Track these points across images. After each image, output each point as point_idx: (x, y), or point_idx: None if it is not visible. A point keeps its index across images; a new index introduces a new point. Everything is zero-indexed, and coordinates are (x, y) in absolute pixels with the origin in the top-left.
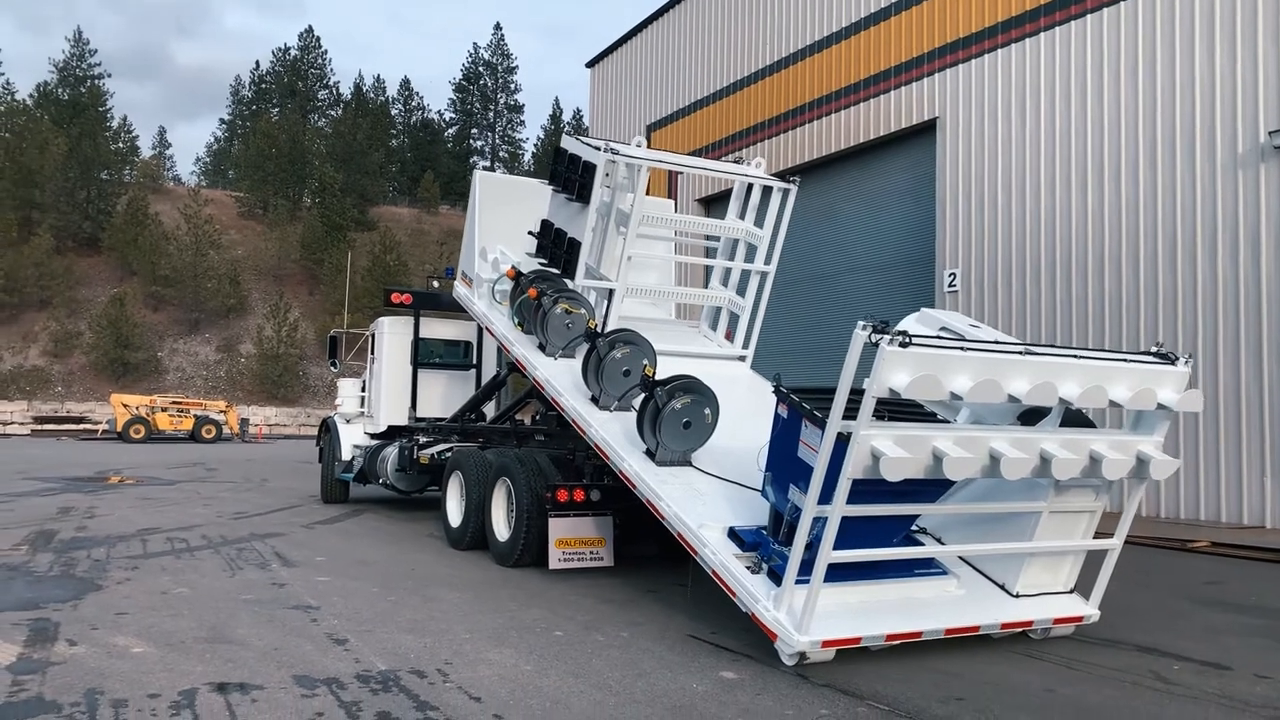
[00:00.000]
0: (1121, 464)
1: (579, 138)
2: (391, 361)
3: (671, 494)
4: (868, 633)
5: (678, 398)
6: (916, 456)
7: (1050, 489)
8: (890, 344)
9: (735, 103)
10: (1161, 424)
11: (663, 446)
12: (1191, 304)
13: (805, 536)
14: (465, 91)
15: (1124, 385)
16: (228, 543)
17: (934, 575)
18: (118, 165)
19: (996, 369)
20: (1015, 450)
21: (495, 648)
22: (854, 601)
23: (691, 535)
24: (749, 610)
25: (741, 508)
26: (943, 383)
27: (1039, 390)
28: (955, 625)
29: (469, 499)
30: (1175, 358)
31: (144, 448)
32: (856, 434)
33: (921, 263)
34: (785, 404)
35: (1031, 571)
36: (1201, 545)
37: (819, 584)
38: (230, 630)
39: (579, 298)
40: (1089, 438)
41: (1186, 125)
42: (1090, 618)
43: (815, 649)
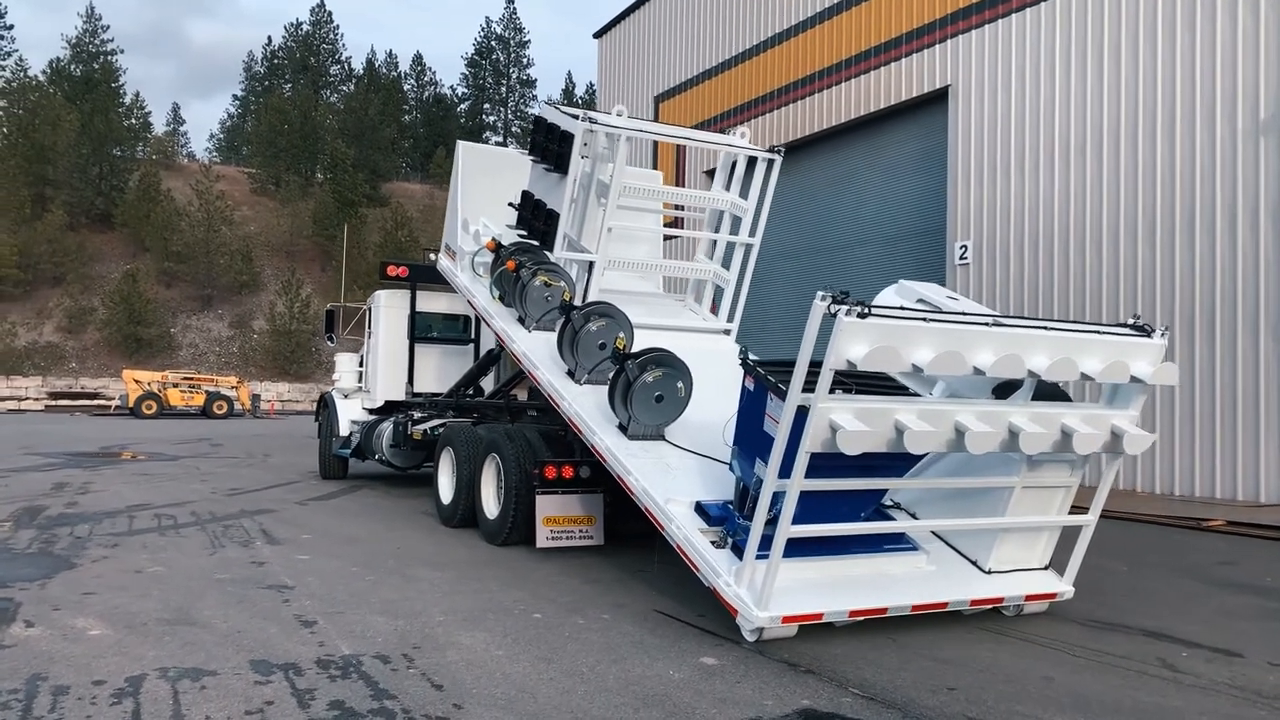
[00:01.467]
0: (1094, 438)
1: (558, 106)
2: (388, 336)
3: (641, 468)
4: (830, 608)
5: (649, 371)
6: (876, 430)
7: (1023, 464)
8: (848, 315)
9: (744, 72)
10: (1137, 398)
11: (635, 420)
12: (1210, 276)
13: (765, 511)
14: (478, 66)
15: (1096, 358)
16: (216, 519)
17: (904, 551)
18: (130, 142)
19: (960, 340)
20: (981, 424)
21: (468, 631)
22: (819, 577)
23: (658, 510)
24: (711, 585)
25: (714, 482)
26: (902, 354)
27: (1005, 362)
28: (923, 601)
29: (459, 476)
30: (1151, 330)
31: (154, 423)
32: (814, 406)
33: (933, 235)
34: (752, 376)
35: (1005, 548)
36: (1217, 524)
37: (778, 559)
38: (196, 611)
39: (559, 270)
40: (1060, 411)
41: (1206, 92)
42: (1064, 594)
43: (775, 624)
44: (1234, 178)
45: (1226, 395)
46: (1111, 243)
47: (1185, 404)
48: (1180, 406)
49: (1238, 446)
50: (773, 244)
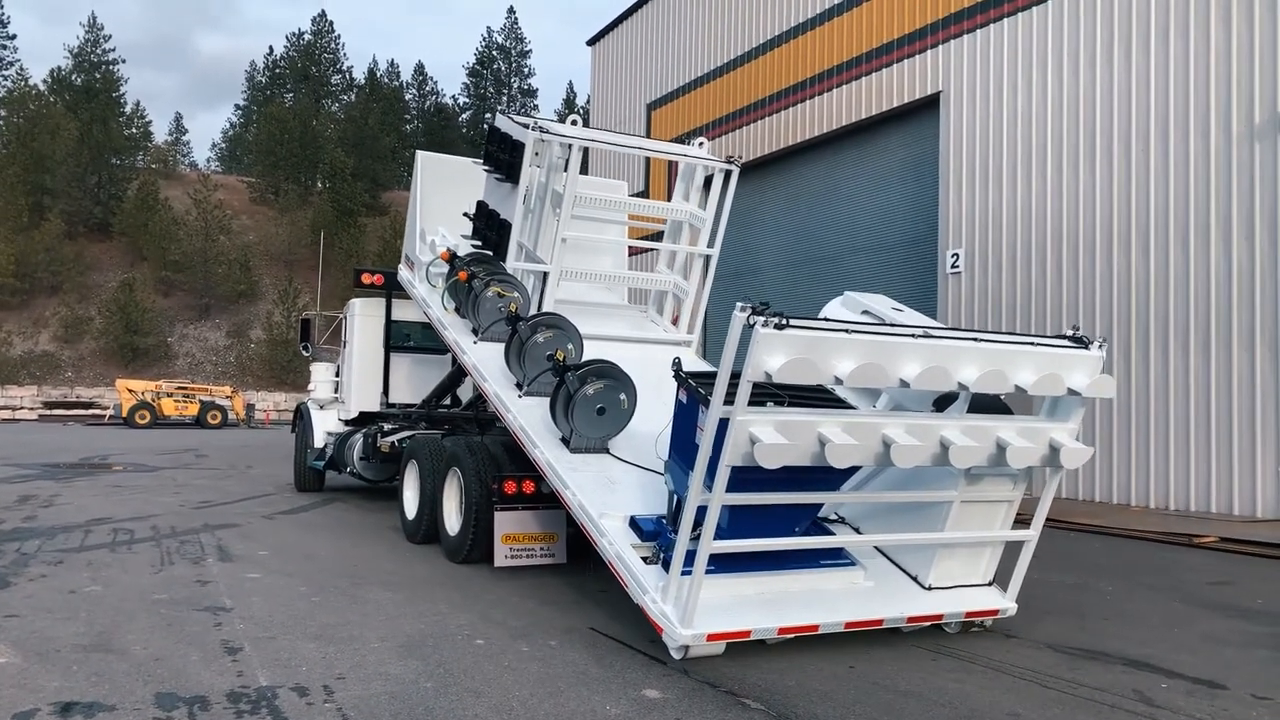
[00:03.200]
0: (1030, 452)
1: (511, 116)
2: (363, 345)
3: (579, 482)
4: (759, 625)
5: (590, 383)
6: (797, 443)
7: (962, 478)
8: (764, 326)
9: (736, 79)
10: (1076, 410)
11: (576, 433)
12: (1204, 286)
13: (690, 525)
14: (479, 76)
15: (1028, 370)
16: (175, 534)
17: (841, 566)
18: (130, 151)
19: (883, 352)
20: (909, 437)
21: (402, 659)
22: (751, 593)
23: (592, 525)
24: (638, 602)
25: (656, 497)
26: (820, 366)
27: (931, 374)
28: (857, 619)
29: (423, 489)
30: (1089, 341)
31: (146, 433)
32: (733, 419)
33: (924, 243)
34: (684, 389)
35: (945, 563)
36: (1209, 541)
37: (700, 575)
38: (118, 637)
39: (513, 281)
40: (995, 425)
41: (1200, 97)
42: (1006, 611)
43: (700, 642)
44: (1228, 184)
45: (1222, 408)
46: (1104, 251)
47: (1180, 417)
48: (1175, 419)
49: (1233, 461)
50: (766, 254)
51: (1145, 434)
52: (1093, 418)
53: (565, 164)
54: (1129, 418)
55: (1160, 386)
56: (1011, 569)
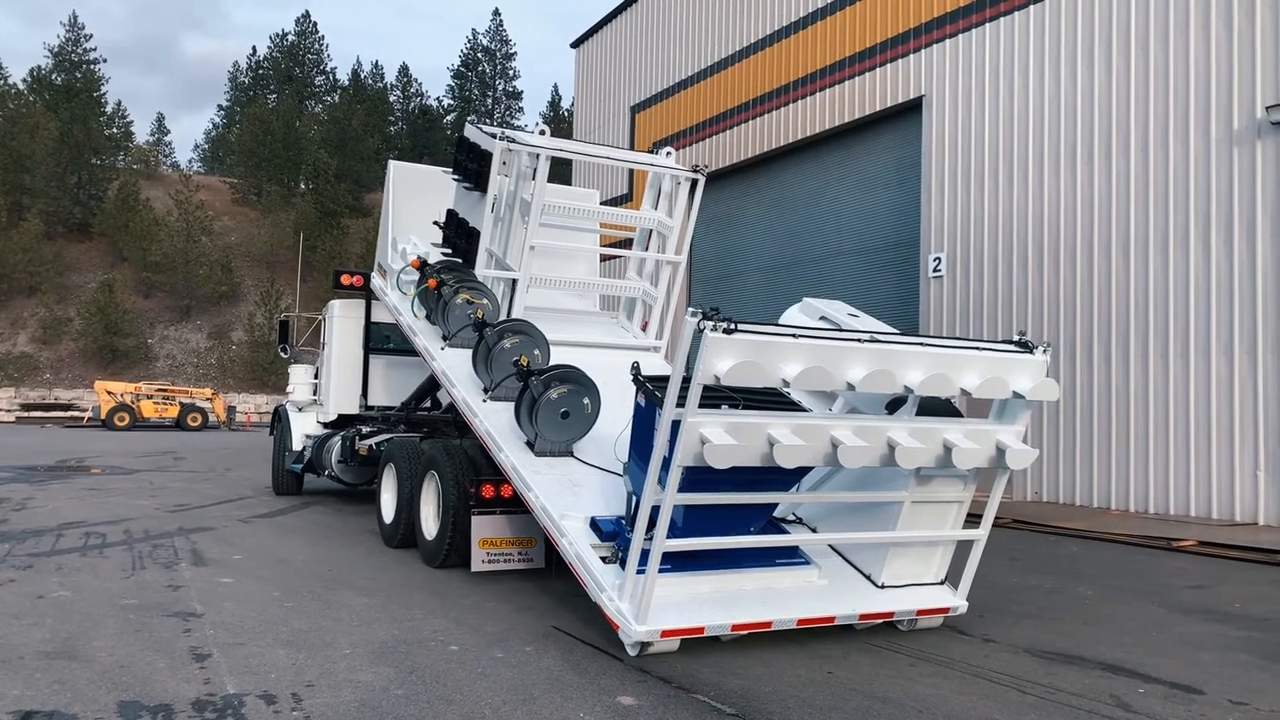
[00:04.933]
0: (976, 453)
1: (480, 126)
2: (342, 347)
3: (542, 484)
4: (713, 622)
5: (554, 387)
6: (746, 444)
7: (912, 479)
8: (714, 331)
9: (719, 82)
10: (1022, 413)
11: (541, 437)
12: (1184, 290)
13: (645, 525)
14: (464, 78)
15: (974, 373)
16: (149, 538)
17: (796, 565)
18: (111, 151)
19: (829, 356)
20: (856, 439)
21: (373, 666)
22: (707, 591)
23: (553, 525)
24: (595, 600)
25: (618, 499)
26: (768, 370)
27: (876, 377)
28: (809, 615)
29: (400, 493)
30: (1034, 346)
31: (124, 436)
32: (685, 421)
33: (907, 246)
34: (642, 392)
35: (898, 562)
36: (1188, 544)
37: (654, 573)
38: (84, 643)
39: (482, 288)
40: (942, 426)
41: (1180, 102)
42: (957, 609)
43: (655, 638)
44: (1208, 189)
45: (1201, 412)
46: (1085, 254)
47: (1159, 421)
48: (1154, 423)
49: (1212, 464)
50: (749, 257)
51: (1125, 438)
52: (1073, 421)
53: (533, 173)
54: (1109, 421)
55: (1140, 390)
56: (963, 568)
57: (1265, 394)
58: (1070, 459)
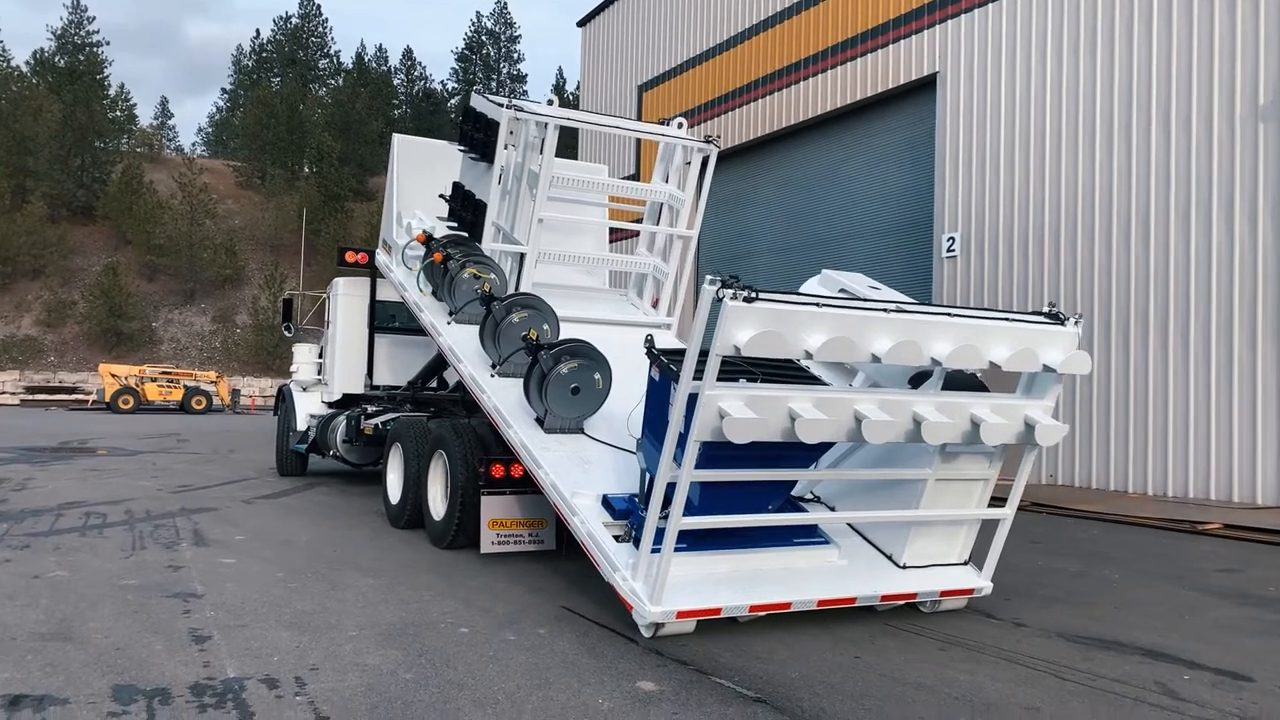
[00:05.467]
0: (1004, 429)
1: (486, 96)
2: (347, 326)
3: (552, 461)
4: (730, 603)
5: (564, 362)
6: (766, 418)
7: (937, 456)
8: (733, 299)
9: (729, 60)
10: (1052, 387)
11: (551, 413)
12: (1205, 271)
13: (660, 502)
14: (468, 61)
15: (1003, 345)
16: (150, 518)
17: (815, 544)
18: (114, 134)
19: (853, 326)
20: (881, 413)
21: (380, 649)
22: (723, 571)
23: (564, 504)
24: (609, 580)
25: (630, 477)
26: (789, 340)
27: (903, 349)
28: (829, 596)
29: (407, 473)
30: (1065, 318)
31: (128, 418)
32: (702, 393)
33: (921, 227)
34: (656, 365)
35: (920, 542)
36: (1214, 528)
37: (669, 552)
38: (80, 624)
39: (489, 263)
40: (969, 401)
41: (1203, 79)
42: (982, 590)
43: (670, 619)
44: (1231, 167)
45: (1222, 394)
46: (1104, 235)
47: (1179, 403)
48: (1174, 405)
49: (1233, 447)
50: (759, 239)
51: (1144, 420)
52: (1090, 404)
53: (541, 144)
54: (1127, 404)
55: (1159, 372)
56: (987, 549)
57: None
58: (1087, 442)
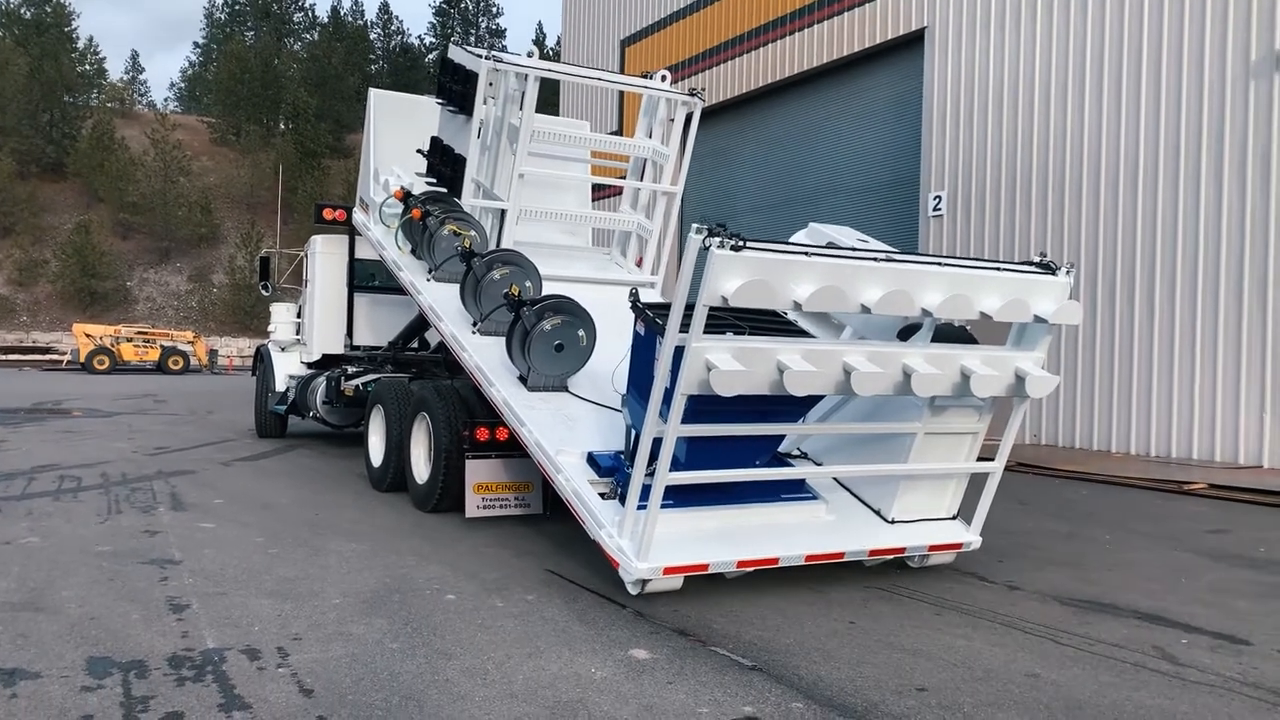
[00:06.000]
0: (994, 380)
1: (465, 47)
2: (325, 285)
3: (536, 420)
4: (717, 558)
5: (547, 318)
6: (754, 370)
7: (926, 409)
8: (720, 248)
9: (713, 15)
10: (1043, 338)
11: (534, 371)
12: (1193, 228)
13: (646, 458)
14: (446, 15)
15: (994, 295)
16: (126, 481)
17: (803, 500)
18: (84, 88)
19: (843, 276)
20: (870, 365)
21: (365, 617)
22: (711, 526)
23: (548, 461)
24: (594, 537)
25: (616, 435)
26: (778, 290)
27: (893, 298)
28: (817, 551)
29: (389, 435)
30: (1056, 267)
31: (104, 379)
32: (689, 346)
33: (907, 185)
34: (642, 320)
35: (909, 497)
36: (1199, 487)
37: (656, 508)
38: (52, 593)
39: (469, 219)
40: (958, 353)
41: (1195, 34)
42: (971, 544)
43: (657, 575)
44: (1221, 125)
45: (1207, 353)
46: (1091, 192)
47: (1164, 361)
48: (1159, 364)
49: (1217, 406)
50: (742, 196)
51: (1128, 380)
52: (1076, 364)
53: (521, 97)
54: (1112, 363)
55: (1145, 331)
56: (975, 504)
57: (1273, 335)
58: (1071, 402)
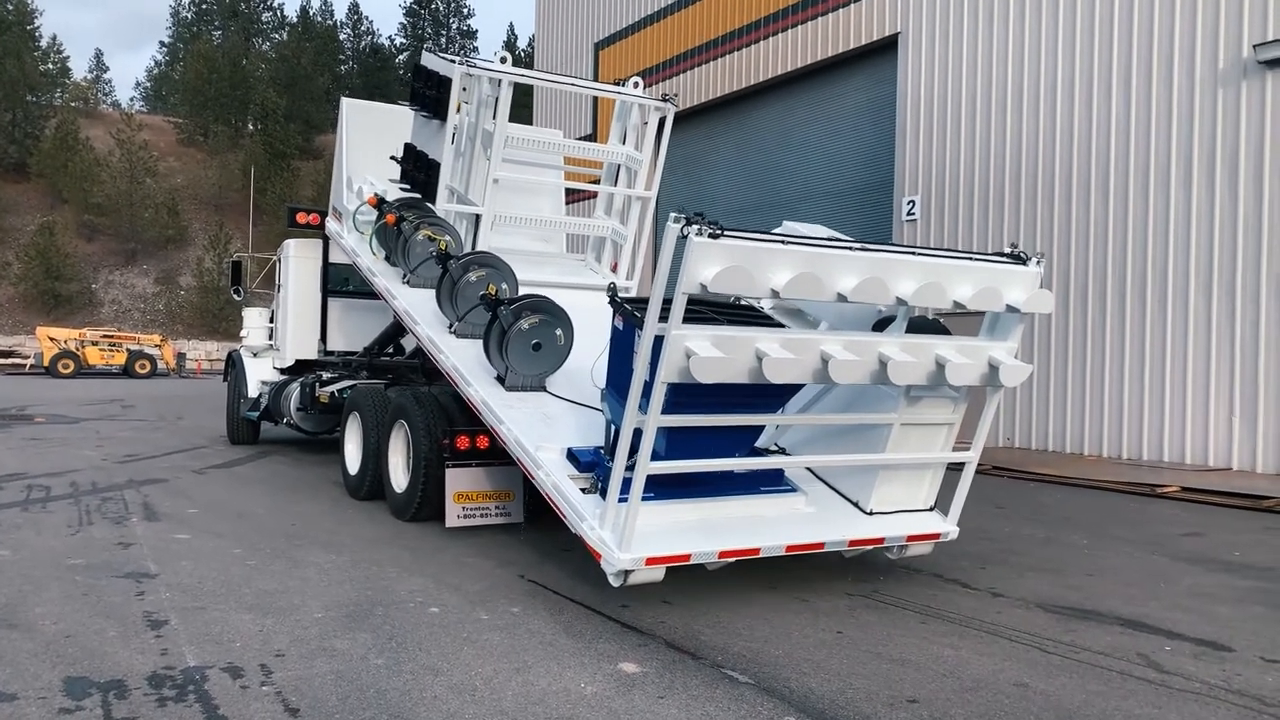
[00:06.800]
0: (969, 369)
1: (437, 52)
2: (299, 289)
3: (514, 418)
4: (699, 549)
5: (525, 317)
6: (734, 357)
7: (902, 400)
8: (699, 235)
9: (687, 18)
10: (1015, 328)
11: (512, 371)
12: (1164, 232)
13: (626, 449)
14: (416, 16)
15: (967, 284)
16: (96, 491)
17: (782, 492)
18: (47, 87)
19: (820, 263)
20: (847, 353)
21: (348, 632)
22: (692, 518)
23: (528, 457)
24: (576, 531)
25: (595, 432)
26: (756, 276)
27: (869, 286)
28: (798, 542)
29: (366, 443)
30: (1027, 257)
31: (69, 383)
32: (669, 334)
33: (880, 189)
34: (620, 314)
35: (886, 487)
36: (1171, 490)
37: (637, 499)
38: (25, 609)
39: (444, 224)
40: (933, 342)
41: (1164, 40)
42: (949, 535)
43: (639, 566)
44: (1190, 130)
45: (1177, 356)
46: (1063, 196)
47: (1135, 364)
48: (1130, 367)
49: (1187, 409)
50: (716, 200)
51: (1099, 382)
52: (1048, 367)
53: (495, 102)
54: (1083, 366)
55: (1116, 334)
56: (952, 495)
57: (1242, 338)
58: (1044, 404)
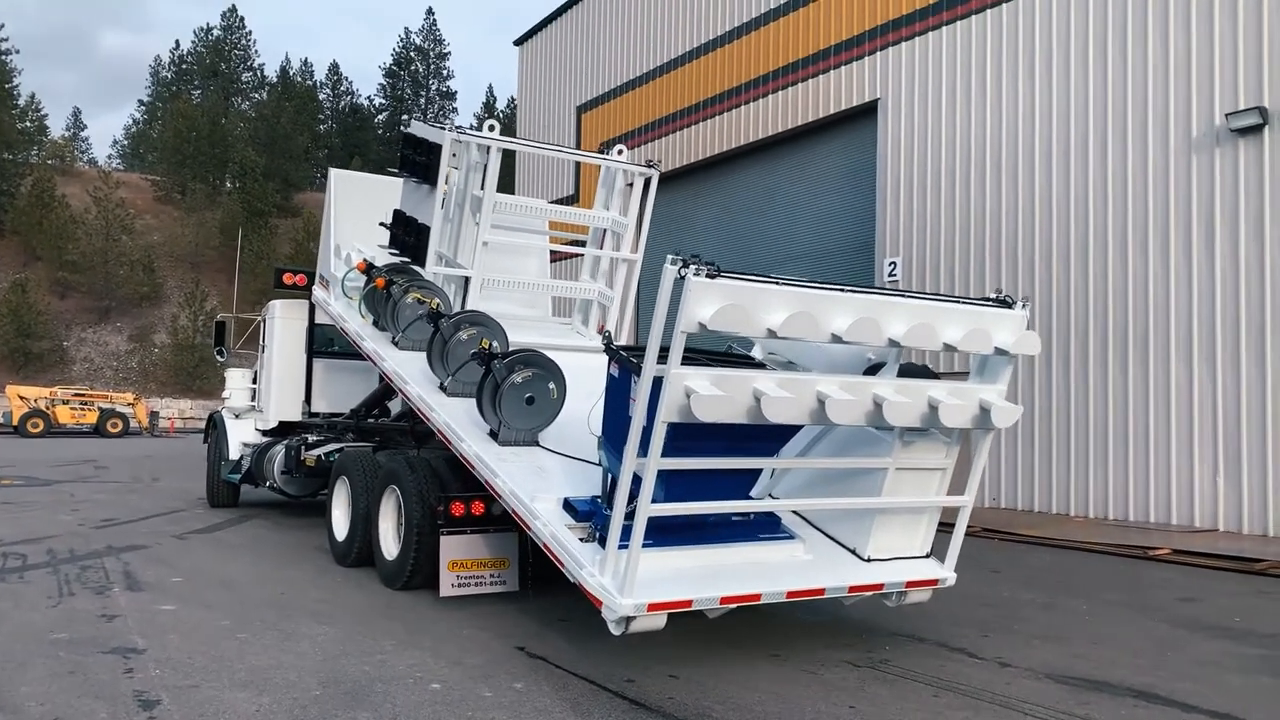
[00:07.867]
0: (961, 410)
1: (426, 120)
2: (283, 350)
3: (509, 470)
4: (700, 595)
5: (518, 371)
6: (733, 396)
7: (896, 443)
8: (696, 275)
9: (670, 83)
10: (1004, 370)
11: (505, 425)
12: (1142, 296)
13: (626, 495)
14: (396, 77)
15: (956, 326)
16: (75, 559)
17: (780, 539)
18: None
19: (814, 304)
20: (843, 393)
21: (349, 709)
22: (691, 566)
23: (524, 508)
24: (575, 579)
25: (589, 484)
26: (753, 316)
27: (862, 326)
28: (798, 588)
29: (355, 508)
30: (1013, 301)
31: (39, 443)
32: (668, 374)
33: (862, 251)
34: (615, 362)
35: (882, 534)
36: (1163, 553)
37: (639, 543)
38: (10, 690)
39: (433, 287)
40: (926, 385)
41: (1139, 108)
42: (946, 581)
43: (641, 613)
44: (1167, 196)
45: (1160, 417)
46: (1044, 260)
47: (1119, 426)
48: (1115, 428)
49: (1172, 470)
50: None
51: (1084, 444)
52: (1032, 428)
53: (484, 168)
54: (1068, 427)
55: (1099, 396)
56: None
57: (1224, 399)
58: (1029, 465)
